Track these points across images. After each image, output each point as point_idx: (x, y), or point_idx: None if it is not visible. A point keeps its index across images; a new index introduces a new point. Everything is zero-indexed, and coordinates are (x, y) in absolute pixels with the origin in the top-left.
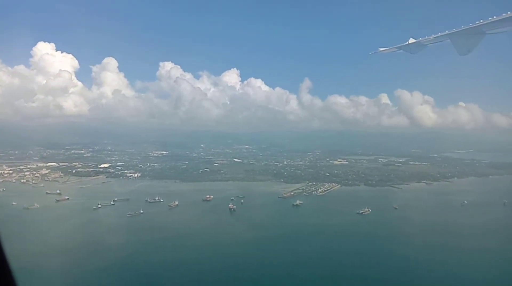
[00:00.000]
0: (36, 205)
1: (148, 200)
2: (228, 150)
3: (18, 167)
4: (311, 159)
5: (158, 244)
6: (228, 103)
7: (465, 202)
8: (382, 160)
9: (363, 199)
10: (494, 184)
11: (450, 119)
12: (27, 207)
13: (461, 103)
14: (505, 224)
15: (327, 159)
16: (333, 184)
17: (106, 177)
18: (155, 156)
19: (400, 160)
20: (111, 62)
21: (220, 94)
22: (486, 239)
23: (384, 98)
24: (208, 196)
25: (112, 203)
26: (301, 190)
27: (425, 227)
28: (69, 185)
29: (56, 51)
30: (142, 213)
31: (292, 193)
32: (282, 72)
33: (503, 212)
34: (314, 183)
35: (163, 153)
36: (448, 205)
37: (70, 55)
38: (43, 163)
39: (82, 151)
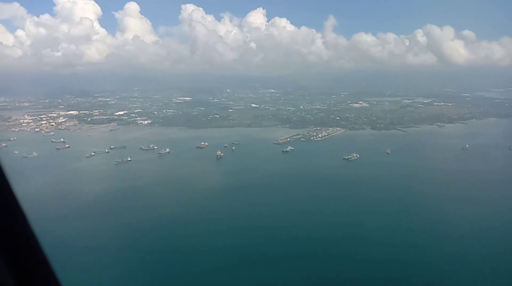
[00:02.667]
0: (34, 154)
1: (143, 147)
2: (251, 94)
3: (39, 116)
4: (332, 102)
5: (126, 191)
6: (254, 45)
7: (467, 145)
8: (406, 101)
9: (360, 143)
10: (509, 125)
11: (492, 55)
12: (25, 156)
13: (505, 37)
14: (495, 170)
15: (348, 101)
16: (338, 128)
17: (117, 125)
18: (177, 102)
19: (426, 101)
20: (133, 7)
21: (245, 36)
22: (467, 185)
23: (420, 35)
24: (202, 143)
25: (106, 151)
26: (300, 136)
27: (404, 172)
28: (78, 133)
29: None
30: (129, 160)
31: (289, 139)
32: (308, 8)
33: (503, 157)
34: (319, 128)
35: (186, 99)
36: (447, 149)
37: (92, 1)
38: (64, 111)
39: (109, 99)
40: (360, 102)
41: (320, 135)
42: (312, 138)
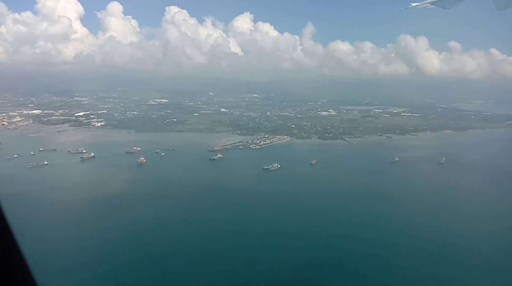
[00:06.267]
0: None
1: (71, 150)
2: (231, 99)
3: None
4: (303, 109)
5: (8, 197)
6: (239, 49)
7: (396, 158)
8: (377, 110)
9: (294, 153)
10: (460, 139)
11: (478, 66)
12: None
13: (493, 50)
14: (406, 185)
15: (319, 109)
16: (286, 136)
17: (70, 126)
18: (150, 104)
19: (395, 111)
20: (116, 7)
21: (231, 40)
22: (363, 200)
23: (403, 44)
24: (134, 148)
25: (32, 153)
26: (241, 143)
27: (309, 186)
28: (23, 134)
29: None
30: (46, 164)
31: (227, 146)
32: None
33: (423, 172)
34: (267, 136)
35: (161, 101)
36: (376, 161)
37: (74, 0)
38: (28, 110)
39: (85, 99)
40: (330, 110)
41: (261, 143)
42: (251, 146)
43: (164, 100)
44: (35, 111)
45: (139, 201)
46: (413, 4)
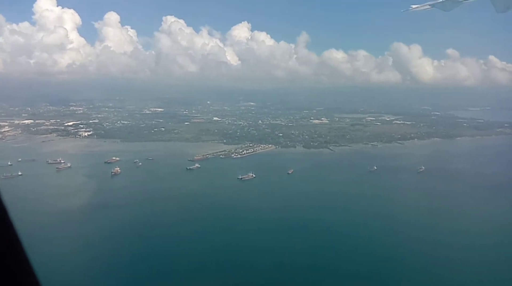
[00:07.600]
0: None
1: (49, 161)
2: (227, 107)
3: None
4: (296, 117)
5: None
6: (238, 58)
7: (375, 167)
8: (369, 118)
9: (274, 161)
10: (446, 147)
11: (476, 73)
12: None
13: (492, 57)
14: (375, 194)
15: (312, 118)
16: (271, 145)
17: (57, 135)
18: (144, 113)
19: (388, 119)
20: (112, 17)
21: (229, 49)
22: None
23: (404, 51)
24: (113, 158)
25: (9, 163)
26: (223, 152)
27: (276, 195)
28: (7, 144)
29: (57, 6)
30: (20, 175)
31: (207, 156)
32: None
33: (402, 181)
34: (251, 145)
35: (157, 110)
36: (354, 170)
37: (71, 11)
38: (20, 120)
39: (80, 108)
40: (322, 119)
41: (243, 152)
42: (232, 155)
43: (159, 109)
44: (26, 121)
45: (99, 213)
46: (413, 6)
